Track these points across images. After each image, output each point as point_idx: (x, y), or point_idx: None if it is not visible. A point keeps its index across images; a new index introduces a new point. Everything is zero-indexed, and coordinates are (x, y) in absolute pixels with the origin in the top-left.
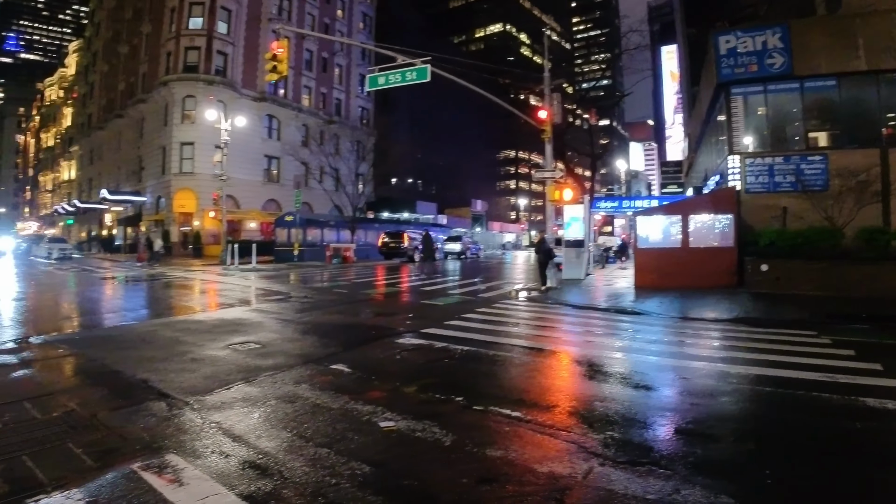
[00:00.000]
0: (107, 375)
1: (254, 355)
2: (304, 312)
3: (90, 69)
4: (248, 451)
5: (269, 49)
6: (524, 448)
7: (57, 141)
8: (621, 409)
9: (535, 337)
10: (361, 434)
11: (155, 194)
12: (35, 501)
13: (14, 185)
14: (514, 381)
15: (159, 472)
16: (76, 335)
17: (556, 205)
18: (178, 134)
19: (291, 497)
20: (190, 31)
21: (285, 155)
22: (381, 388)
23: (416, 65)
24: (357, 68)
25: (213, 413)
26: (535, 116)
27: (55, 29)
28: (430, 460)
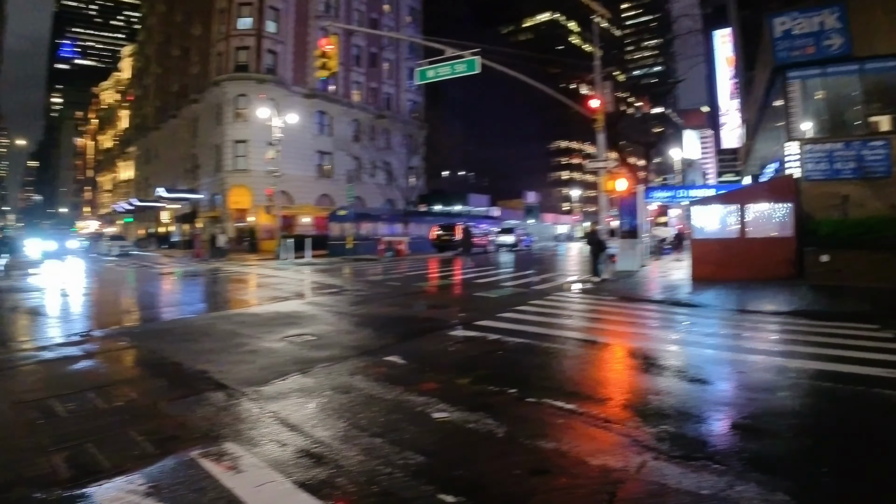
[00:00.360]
0: (167, 367)
1: (309, 347)
2: (358, 305)
3: (144, 72)
4: (303, 440)
5: (317, 46)
6: (577, 440)
7: (114, 142)
8: (676, 403)
9: (589, 329)
10: (415, 424)
11: (210, 191)
12: (98, 486)
13: (74, 186)
14: (568, 374)
15: (217, 459)
16: (137, 328)
17: (609, 195)
18: (231, 132)
19: (346, 485)
20: (239, 32)
21: (337, 150)
22: (435, 379)
23: (464, 57)
24: (406, 62)
25: (270, 403)
26: (586, 106)
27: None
28: (483, 451)
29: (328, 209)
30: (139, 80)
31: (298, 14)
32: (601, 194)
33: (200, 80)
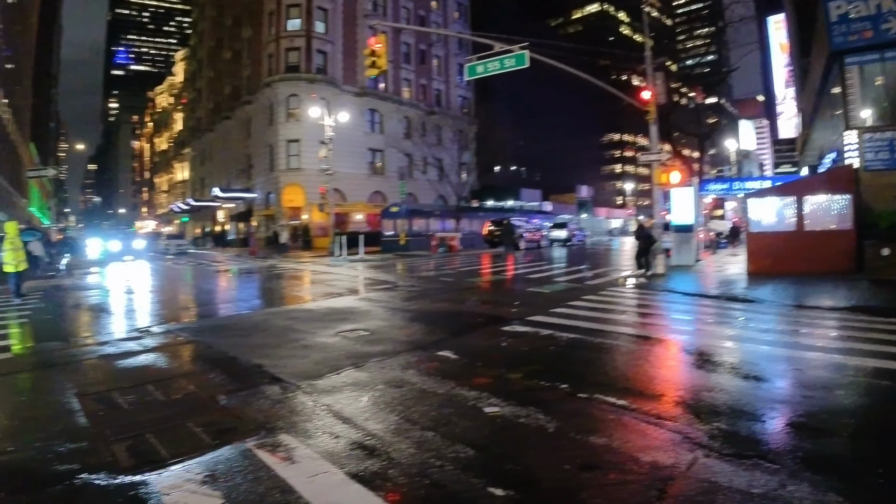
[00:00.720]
0: (223, 361)
1: (363, 342)
2: (410, 301)
3: (197, 76)
4: (356, 432)
5: (367, 45)
6: (628, 437)
7: (169, 144)
8: (729, 400)
9: (643, 325)
10: (466, 419)
11: (264, 190)
12: (157, 474)
13: (132, 188)
14: (620, 370)
15: (273, 450)
16: (194, 324)
17: (663, 188)
18: (283, 132)
19: (398, 477)
20: (289, 33)
21: (388, 147)
22: (487, 374)
23: (513, 51)
24: (455, 58)
25: (324, 396)
26: (638, 97)
27: (161, 40)
28: (534, 446)
29: (380, 206)
30: (192, 83)
31: (346, 13)
32: (655, 187)
33: (252, 82)
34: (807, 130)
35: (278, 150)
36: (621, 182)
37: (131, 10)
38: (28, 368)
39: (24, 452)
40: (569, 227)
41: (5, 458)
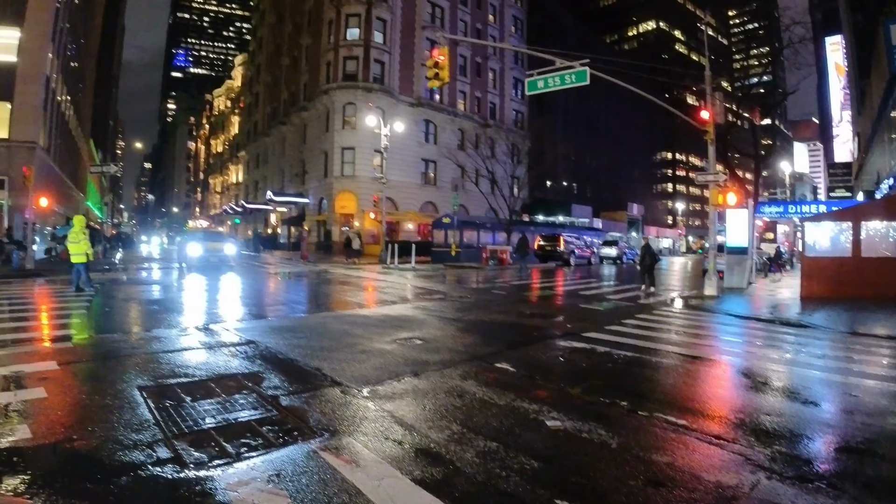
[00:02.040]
0: (283, 362)
1: (420, 350)
2: (464, 312)
3: (255, 80)
4: (420, 439)
5: (424, 56)
6: (690, 456)
7: (225, 147)
8: (788, 424)
9: (698, 346)
10: (528, 431)
11: (317, 196)
12: (223, 470)
13: (186, 188)
14: (679, 389)
15: (337, 453)
16: (251, 324)
17: (718, 209)
18: (339, 139)
19: (463, 485)
20: (348, 42)
21: (442, 158)
22: (546, 387)
23: (574, 67)
24: (510, 72)
25: (386, 402)
26: (696, 117)
27: (220, 45)
28: (597, 460)
29: (432, 216)
30: (250, 88)
31: (405, 25)
32: (710, 208)
33: (310, 89)
34: (863, 154)
35: (333, 157)
36: (673, 201)
37: (192, 14)
38: (89, 359)
39: (89, 442)
40: (619, 245)
41: (70, 446)
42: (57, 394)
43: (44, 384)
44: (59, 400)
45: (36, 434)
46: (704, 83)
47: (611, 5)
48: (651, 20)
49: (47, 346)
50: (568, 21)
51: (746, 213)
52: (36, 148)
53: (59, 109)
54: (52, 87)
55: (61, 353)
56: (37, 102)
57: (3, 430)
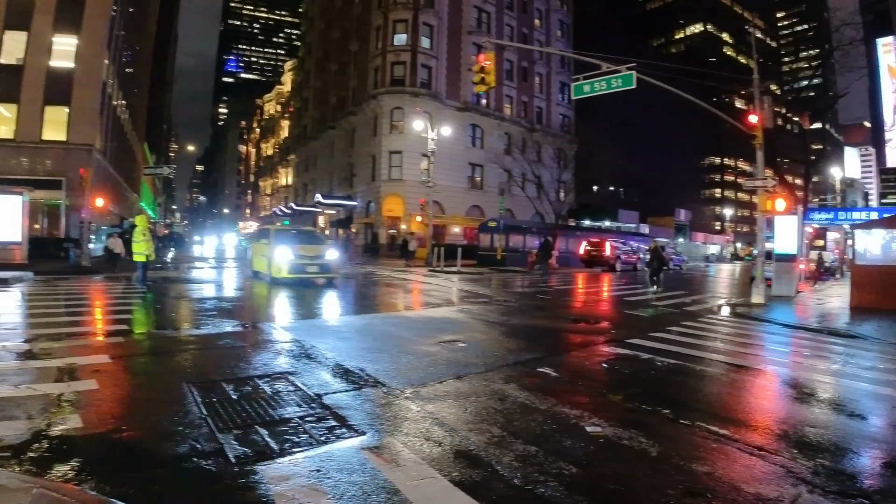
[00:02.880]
0: (327, 361)
1: (463, 353)
2: (508, 316)
3: (304, 85)
4: (460, 441)
5: (471, 61)
6: (731, 466)
7: (275, 150)
8: (832, 437)
9: (742, 354)
10: (568, 436)
11: (365, 199)
12: (266, 465)
13: (237, 189)
14: (721, 398)
15: (378, 452)
16: (298, 323)
17: (767, 216)
18: (386, 143)
19: (501, 488)
20: (395, 47)
21: (488, 162)
22: (587, 394)
23: (621, 71)
24: (557, 76)
25: (427, 404)
26: (744, 121)
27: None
28: (637, 468)
29: (478, 220)
30: (299, 92)
31: (451, 30)
32: (758, 214)
33: (358, 94)
34: None
35: (381, 161)
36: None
37: (242, 21)
38: (140, 353)
39: (139, 433)
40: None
41: (119, 436)
42: (108, 386)
43: (96, 376)
44: (110, 392)
45: (87, 423)
46: (752, 87)
47: (657, 8)
48: (698, 23)
49: (100, 340)
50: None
51: (795, 219)
52: (92, 150)
53: (114, 113)
54: (108, 92)
55: (113, 347)
56: (93, 106)
57: (55, 418)
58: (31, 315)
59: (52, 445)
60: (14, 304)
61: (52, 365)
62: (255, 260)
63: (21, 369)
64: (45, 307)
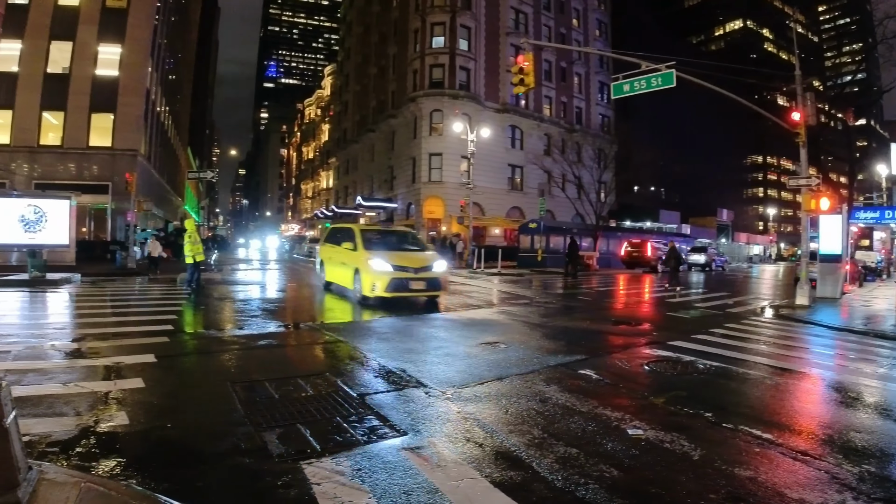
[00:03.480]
0: (369, 362)
1: (503, 355)
2: (549, 317)
3: (343, 89)
4: (500, 442)
5: (509, 62)
6: (774, 471)
7: (316, 153)
8: (879, 443)
9: (786, 357)
10: (609, 439)
11: (405, 201)
12: (308, 463)
13: (279, 193)
14: (764, 402)
15: (418, 452)
16: (339, 324)
17: (811, 215)
18: (426, 145)
19: (541, 490)
20: (433, 50)
21: (528, 164)
22: (629, 396)
23: (660, 70)
24: (596, 76)
25: (468, 405)
26: (787, 118)
27: (310, 56)
28: (678, 471)
29: (518, 221)
30: (339, 96)
31: (489, 31)
32: (802, 214)
33: (397, 97)
34: None
35: (421, 163)
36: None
37: (282, 27)
38: (185, 353)
39: (183, 430)
40: (708, 252)
41: (163, 433)
42: (153, 384)
43: (142, 375)
44: (156, 390)
45: (132, 420)
46: (794, 83)
47: (695, 5)
48: (737, 19)
49: (146, 339)
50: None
51: (840, 218)
52: (137, 155)
53: (158, 119)
54: (152, 99)
55: (159, 347)
56: (138, 113)
57: (102, 415)
58: (79, 315)
59: (99, 442)
60: (63, 304)
61: (100, 363)
62: (330, 269)
63: (70, 368)
64: (92, 308)
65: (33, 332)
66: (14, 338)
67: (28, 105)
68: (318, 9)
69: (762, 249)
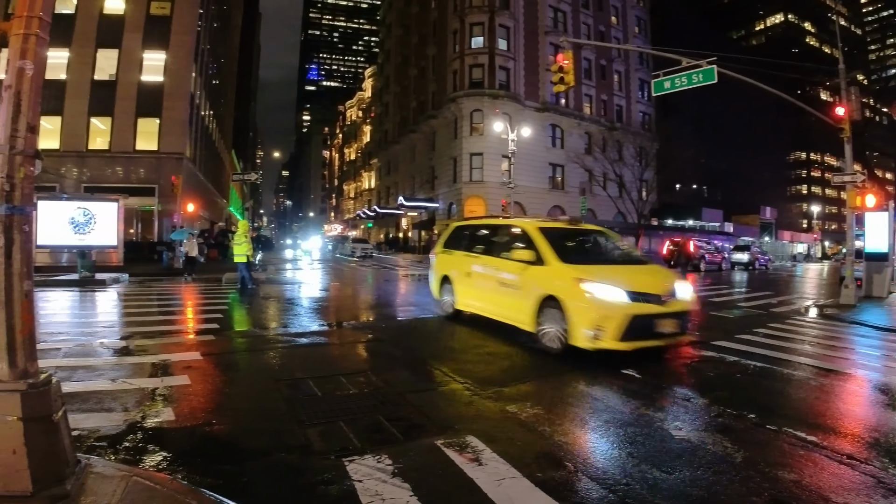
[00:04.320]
0: (410, 360)
1: (545, 354)
2: None
3: (384, 91)
4: (542, 441)
5: (548, 61)
6: (819, 475)
7: (357, 155)
8: None
9: (832, 358)
10: (652, 439)
11: (447, 201)
12: (349, 460)
13: (321, 194)
14: (809, 403)
15: (460, 450)
16: (382, 323)
17: (856, 212)
18: (467, 145)
19: (583, 490)
20: (473, 50)
21: (569, 162)
22: (672, 396)
23: (701, 66)
24: (636, 73)
25: (509, 404)
26: (831, 114)
27: (350, 59)
28: (721, 473)
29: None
30: (380, 98)
31: (528, 30)
32: (847, 211)
33: (437, 97)
34: None
35: (462, 163)
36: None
37: (322, 31)
38: (230, 351)
39: (227, 427)
40: (751, 251)
41: (209, 430)
42: (199, 382)
43: (187, 372)
44: (201, 387)
45: (178, 417)
46: (838, 77)
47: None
48: (778, 13)
49: (192, 337)
50: (692, 19)
51: (887, 215)
52: (183, 158)
53: (202, 123)
54: (196, 103)
55: (204, 345)
56: (182, 117)
57: (149, 412)
58: (126, 314)
59: (146, 437)
60: (111, 303)
61: (147, 361)
62: (467, 290)
63: (118, 365)
64: (139, 306)
65: (83, 331)
66: (64, 336)
67: (76, 111)
68: (357, 12)
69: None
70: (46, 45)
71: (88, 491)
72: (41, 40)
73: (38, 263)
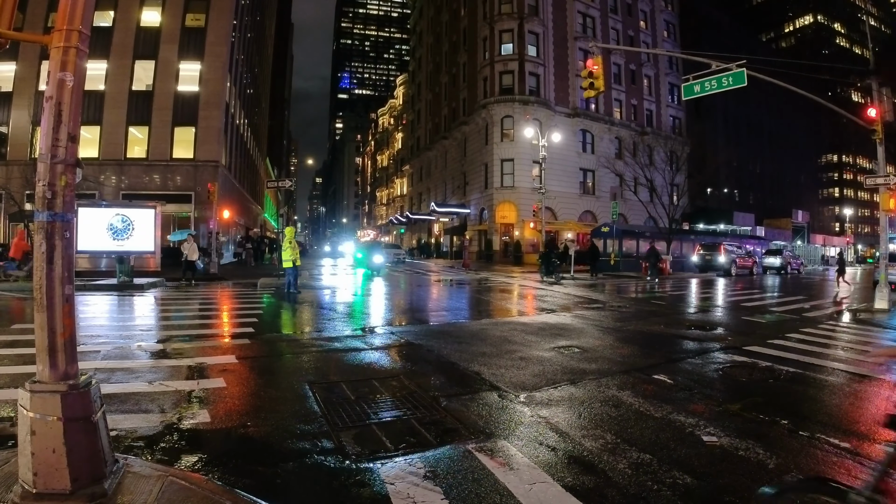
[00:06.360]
0: (443, 365)
1: (578, 359)
2: (623, 322)
3: (416, 98)
4: (573, 447)
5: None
6: (853, 483)
7: (390, 161)
8: None
9: (865, 363)
10: (684, 445)
11: (478, 206)
12: (382, 463)
13: (355, 200)
14: (842, 410)
15: (491, 455)
16: (415, 328)
17: (890, 215)
18: (498, 151)
19: (614, 496)
20: (503, 57)
21: (600, 167)
22: (704, 402)
23: (731, 69)
24: (666, 77)
25: (541, 408)
26: (863, 115)
27: (382, 67)
28: (753, 480)
29: (591, 225)
30: (411, 105)
31: (557, 36)
32: (881, 214)
33: (468, 104)
34: None
35: (493, 169)
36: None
37: (354, 40)
38: (265, 355)
39: (262, 429)
40: (783, 255)
41: (244, 432)
42: (234, 384)
43: (223, 375)
44: (237, 390)
45: (214, 419)
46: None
47: (764, 2)
48: (808, 14)
49: (227, 341)
50: (721, 21)
51: None
52: (218, 166)
53: (237, 132)
54: (231, 112)
55: (240, 349)
56: (218, 126)
57: (185, 413)
58: (163, 318)
59: (183, 438)
60: (148, 307)
61: (183, 364)
62: None
63: (155, 367)
64: (176, 311)
65: (121, 334)
66: (103, 338)
67: (115, 121)
68: (388, 21)
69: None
70: (86, 57)
71: (125, 490)
72: (81, 52)
73: (78, 268)
